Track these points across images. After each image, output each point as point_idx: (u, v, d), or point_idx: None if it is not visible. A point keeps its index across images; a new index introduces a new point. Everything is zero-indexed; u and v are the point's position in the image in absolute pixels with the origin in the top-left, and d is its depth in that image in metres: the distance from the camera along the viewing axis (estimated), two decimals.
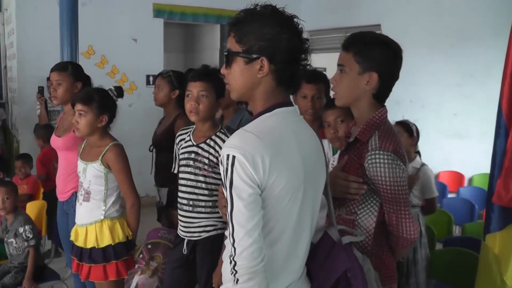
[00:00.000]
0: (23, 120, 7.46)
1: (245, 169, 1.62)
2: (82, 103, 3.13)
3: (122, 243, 3.20)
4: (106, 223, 3.17)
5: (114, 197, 3.21)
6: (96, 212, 3.18)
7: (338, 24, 8.34)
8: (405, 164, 2.11)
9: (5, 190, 4.19)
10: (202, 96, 2.90)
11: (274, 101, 1.80)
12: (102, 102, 3.17)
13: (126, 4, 7.71)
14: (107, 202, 3.19)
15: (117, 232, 3.19)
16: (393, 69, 2.17)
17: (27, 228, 3.88)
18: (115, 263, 3.18)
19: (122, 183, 3.18)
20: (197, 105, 2.89)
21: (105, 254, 3.16)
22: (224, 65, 1.85)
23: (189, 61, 10.14)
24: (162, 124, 4.08)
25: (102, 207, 3.18)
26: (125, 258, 3.22)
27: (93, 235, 3.18)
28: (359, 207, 2.15)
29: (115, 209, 3.22)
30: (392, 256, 2.22)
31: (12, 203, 4.17)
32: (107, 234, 3.16)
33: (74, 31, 4.89)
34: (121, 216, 3.24)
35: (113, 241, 3.17)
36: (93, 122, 3.14)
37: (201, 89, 2.90)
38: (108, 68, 7.69)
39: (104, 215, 3.18)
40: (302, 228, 1.81)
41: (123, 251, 3.20)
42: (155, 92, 4.04)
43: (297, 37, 1.77)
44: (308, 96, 3.13)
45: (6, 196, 4.15)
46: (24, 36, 7.27)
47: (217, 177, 2.90)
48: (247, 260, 1.62)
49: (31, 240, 3.89)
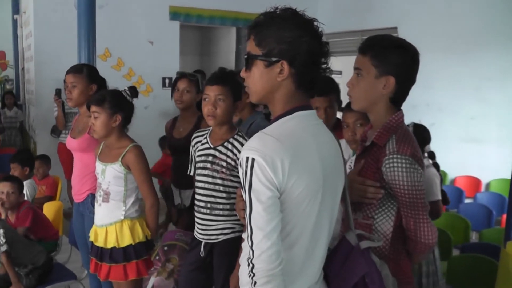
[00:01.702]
0: (40, 122, 7.53)
1: (264, 172, 1.62)
2: (95, 105, 3.18)
3: (142, 243, 3.23)
4: (126, 223, 3.20)
5: (133, 198, 3.23)
6: (116, 212, 3.21)
7: (354, 27, 8.32)
8: (423, 168, 2.09)
9: (11, 185, 4.27)
10: (219, 100, 2.89)
11: (293, 104, 1.79)
12: (114, 102, 3.19)
13: (142, 6, 7.75)
14: (127, 202, 3.21)
15: (137, 232, 3.21)
16: (410, 73, 2.15)
17: (1, 232, 3.78)
18: (135, 262, 3.20)
19: (141, 184, 3.20)
20: (215, 109, 2.89)
21: (126, 254, 3.19)
22: (244, 68, 1.84)
23: (205, 64, 10.15)
24: (181, 127, 4.01)
25: (122, 208, 3.20)
26: (145, 257, 3.25)
27: (113, 235, 3.20)
28: (376, 211, 2.13)
29: (134, 209, 3.24)
30: (409, 262, 2.20)
31: (16, 199, 4.24)
32: (127, 234, 3.18)
33: (92, 34, 4.92)
34: (140, 216, 3.26)
35: (134, 240, 3.19)
36: (107, 122, 3.17)
37: (218, 93, 2.90)
38: (124, 71, 7.73)
39: (124, 215, 3.20)
40: (320, 232, 1.80)
41: (143, 251, 3.23)
42: (179, 95, 3.95)
43: (317, 41, 1.76)
44: (321, 108, 3.11)
45: (12, 190, 4.23)
46: (42, 39, 7.34)
47: (235, 180, 2.90)
48: (265, 263, 1.62)
49: (2, 245, 3.78)
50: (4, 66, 12.49)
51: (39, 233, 4.34)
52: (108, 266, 3.23)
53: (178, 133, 3.99)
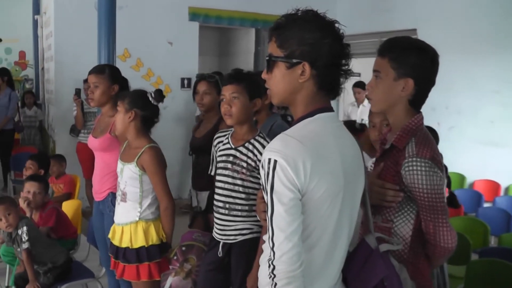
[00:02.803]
0: (60, 121, 7.59)
1: (286, 174, 1.62)
2: (118, 100, 3.26)
3: (156, 246, 3.22)
4: (140, 224, 3.21)
5: (150, 200, 3.23)
6: (132, 213, 3.22)
7: (373, 29, 8.28)
8: (442, 172, 2.08)
9: (38, 185, 4.31)
10: (233, 98, 2.91)
11: (315, 106, 1.80)
12: (132, 98, 3.24)
13: (162, 7, 7.78)
14: (143, 204, 3.22)
15: (151, 235, 3.21)
16: (430, 75, 2.14)
17: (25, 229, 3.82)
18: (147, 264, 3.21)
19: (156, 186, 3.20)
20: (230, 108, 2.91)
21: (138, 255, 3.20)
22: (265, 70, 1.85)
23: (223, 65, 10.17)
24: (202, 127, 4.03)
25: (137, 209, 3.22)
26: (158, 260, 3.24)
27: (127, 235, 3.22)
28: (395, 214, 2.13)
29: (150, 211, 3.24)
30: (428, 266, 2.19)
31: (41, 199, 4.29)
32: (141, 235, 3.19)
33: (112, 35, 4.97)
34: (156, 218, 3.26)
35: (147, 243, 3.20)
36: (123, 117, 3.22)
37: (232, 91, 2.92)
38: (143, 71, 7.77)
39: (139, 216, 3.21)
40: (340, 234, 1.80)
41: (156, 254, 3.22)
42: (199, 98, 3.94)
43: (339, 42, 1.77)
44: (376, 125, 3.08)
45: (38, 190, 4.27)
46: (62, 39, 7.40)
47: (254, 181, 2.91)
48: (286, 265, 1.63)
49: (25, 243, 3.82)
50: (24, 66, 12.63)
51: (60, 232, 4.38)
52: (122, 265, 3.26)
53: (199, 133, 4.00)
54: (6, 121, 8.35)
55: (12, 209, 3.91)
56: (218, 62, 10.51)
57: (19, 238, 3.84)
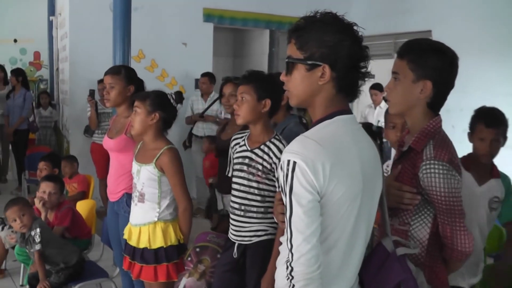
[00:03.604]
0: (74, 121, 7.64)
1: (305, 176, 1.62)
2: (138, 100, 3.24)
3: (174, 246, 3.22)
4: (159, 225, 3.20)
5: (168, 200, 3.23)
6: (151, 213, 3.22)
7: (388, 30, 8.24)
8: (460, 175, 2.06)
9: (53, 185, 4.35)
10: (242, 99, 2.94)
11: (334, 108, 1.80)
12: (155, 101, 3.23)
13: (176, 8, 7.80)
14: (161, 204, 3.22)
15: (169, 235, 3.21)
16: (448, 77, 2.13)
17: (38, 231, 3.85)
18: (166, 265, 3.21)
19: (175, 187, 3.20)
20: (238, 107, 2.94)
21: (157, 256, 3.19)
22: (284, 72, 1.85)
23: (237, 66, 10.17)
24: (229, 129, 4.00)
25: (156, 209, 3.21)
26: (176, 261, 3.24)
27: (146, 236, 3.21)
28: (412, 217, 2.12)
29: (169, 212, 3.24)
30: (445, 269, 2.17)
31: (57, 199, 4.32)
32: (159, 236, 3.19)
33: (127, 36, 4.98)
34: (174, 219, 3.26)
35: (165, 243, 3.19)
36: (145, 118, 3.21)
37: (241, 91, 2.95)
38: (157, 72, 7.79)
39: (158, 217, 3.21)
40: (357, 237, 1.80)
41: (174, 254, 3.22)
42: (226, 100, 3.94)
43: (358, 44, 1.77)
44: (487, 140, 3.03)
45: (54, 191, 4.31)
46: (77, 40, 7.45)
47: (270, 183, 2.91)
48: (305, 266, 1.63)
49: (37, 244, 3.85)
50: (38, 66, 12.70)
51: (75, 232, 4.41)
52: (139, 266, 3.25)
53: (226, 135, 3.98)
54: (21, 121, 8.42)
55: (26, 210, 3.94)
56: (232, 63, 10.51)
57: (31, 239, 3.87)
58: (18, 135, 8.45)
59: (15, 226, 3.93)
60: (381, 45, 8.28)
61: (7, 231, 4.78)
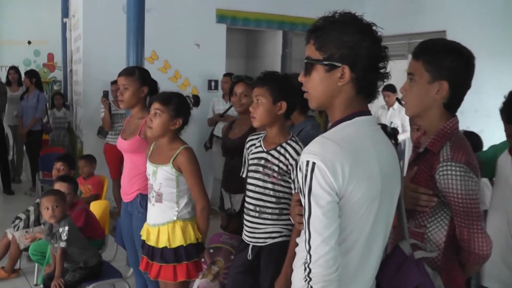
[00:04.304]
0: (87, 122, 7.68)
1: (324, 176, 1.61)
2: (160, 103, 3.20)
3: (193, 245, 3.22)
4: (178, 224, 3.21)
5: (186, 199, 3.24)
6: (169, 213, 3.22)
7: (401, 30, 8.19)
8: (478, 177, 2.04)
9: (68, 186, 4.42)
10: (257, 101, 2.92)
11: (353, 109, 1.78)
12: (179, 106, 3.23)
13: (189, 10, 7.81)
14: (180, 203, 3.22)
15: (189, 234, 3.22)
16: (465, 77, 2.11)
17: (66, 229, 3.90)
18: (185, 264, 3.21)
19: (193, 186, 3.21)
20: (253, 110, 2.92)
21: (177, 255, 3.19)
22: (302, 72, 1.83)
23: (250, 67, 10.16)
24: (238, 128, 3.99)
25: (175, 208, 3.22)
26: (195, 260, 3.25)
27: (165, 235, 3.21)
28: (428, 220, 2.09)
29: (187, 211, 3.25)
30: (462, 273, 2.15)
31: (71, 199, 4.38)
32: (179, 235, 3.19)
33: (140, 37, 4.99)
34: (192, 218, 3.27)
35: (185, 242, 3.20)
36: (167, 123, 3.20)
37: (256, 94, 2.93)
38: (170, 73, 7.81)
39: (177, 216, 3.21)
40: (375, 239, 1.78)
41: (193, 253, 3.23)
42: (237, 99, 3.91)
43: (377, 45, 1.75)
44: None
45: (68, 191, 4.37)
46: (90, 41, 7.49)
47: (285, 185, 2.90)
48: (323, 268, 1.62)
49: (63, 241, 3.90)
50: (52, 68, 12.77)
51: (88, 233, 4.43)
52: (158, 266, 3.24)
53: (234, 134, 3.98)
54: (34, 122, 8.48)
55: (61, 204, 4.01)
56: (245, 64, 10.50)
57: (58, 235, 3.92)
58: (31, 136, 8.53)
59: (45, 214, 4.00)
60: (394, 45, 8.22)
61: (22, 231, 4.83)
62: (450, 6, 7.62)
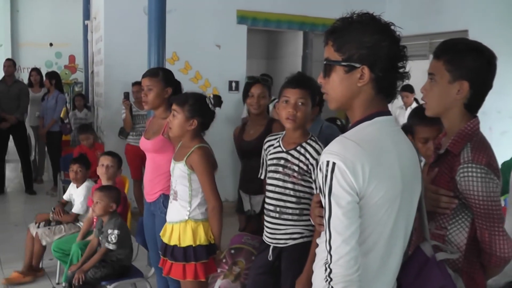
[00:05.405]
0: (108, 123, 7.75)
1: (345, 177, 1.61)
2: (176, 104, 3.26)
3: (203, 246, 3.23)
4: (189, 224, 3.23)
5: (199, 199, 3.25)
6: (182, 212, 3.25)
7: (422, 30, 8.12)
8: (499, 178, 2.02)
9: (112, 159, 4.60)
10: (300, 104, 2.90)
11: (373, 109, 1.78)
12: (194, 106, 3.24)
13: (210, 11, 7.83)
14: (192, 203, 3.24)
15: (199, 235, 3.23)
16: (486, 77, 2.09)
17: (116, 233, 4.00)
18: (194, 264, 3.22)
19: (203, 185, 3.22)
20: (295, 112, 2.88)
21: (186, 254, 3.21)
22: (322, 74, 1.83)
23: (271, 68, 10.16)
24: (252, 129, 4.02)
25: (187, 208, 3.24)
26: (205, 261, 3.24)
27: (176, 233, 3.25)
28: (449, 221, 2.08)
29: (200, 211, 3.26)
30: (483, 275, 2.13)
31: (114, 173, 4.58)
32: (189, 235, 3.21)
33: (161, 39, 5.02)
34: (206, 219, 3.27)
35: (194, 242, 3.21)
36: (183, 123, 3.23)
37: (299, 96, 2.90)
38: (191, 74, 7.84)
39: (189, 216, 3.24)
40: (395, 240, 1.78)
41: (203, 254, 3.22)
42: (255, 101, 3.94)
43: (396, 45, 1.75)
44: None
45: (111, 164, 4.56)
46: (111, 43, 7.55)
47: (306, 185, 2.90)
48: (343, 268, 1.62)
49: (111, 244, 4.00)
50: (73, 70, 12.92)
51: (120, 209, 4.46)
52: (170, 263, 3.29)
53: (249, 136, 3.99)
54: (52, 123, 8.60)
55: (104, 200, 4.12)
56: (266, 65, 10.50)
57: (106, 235, 4.04)
58: (50, 136, 8.66)
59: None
60: (415, 45, 8.15)
61: (44, 228, 4.89)
62: (472, 5, 7.53)
